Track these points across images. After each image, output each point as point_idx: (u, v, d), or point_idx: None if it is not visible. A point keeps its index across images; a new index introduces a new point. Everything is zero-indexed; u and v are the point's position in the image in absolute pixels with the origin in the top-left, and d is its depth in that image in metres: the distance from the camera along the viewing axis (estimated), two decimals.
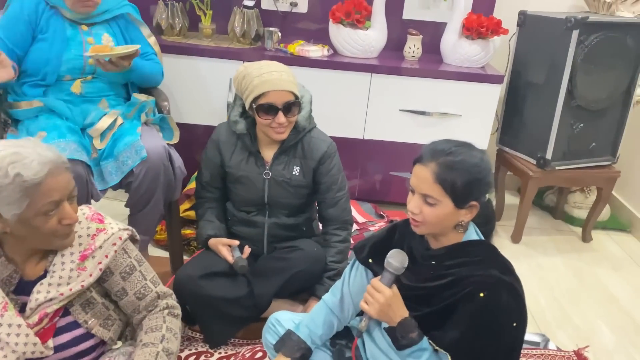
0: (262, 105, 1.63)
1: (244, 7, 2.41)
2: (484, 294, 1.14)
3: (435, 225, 1.19)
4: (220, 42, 2.45)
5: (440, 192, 1.15)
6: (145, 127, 1.84)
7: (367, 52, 2.45)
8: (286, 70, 1.68)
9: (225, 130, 1.79)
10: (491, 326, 1.16)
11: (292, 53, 2.37)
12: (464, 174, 1.14)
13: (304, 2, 2.61)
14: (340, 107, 2.45)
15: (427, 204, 1.17)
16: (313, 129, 1.79)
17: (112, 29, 1.87)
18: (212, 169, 1.81)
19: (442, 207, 1.16)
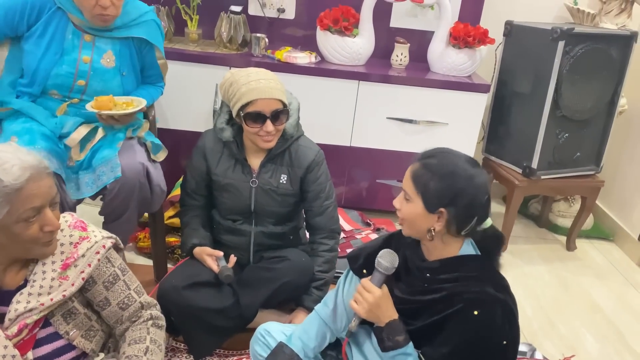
0: (250, 114, 1.60)
1: (231, 13, 2.39)
2: (478, 312, 1.13)
3: (411, 225, 1.21)
4: (206, 47, 2.42)
5: (413, 189, 1.18)
6: (128, 141, 1.75)
7: (355, 59, 2.45)
8: (274, 78, 1.66)
9: (211, 138, 1.76)
10: (483, 344, 1.15)
11: (279, 59, 2.36)
12: (437, 178, 1.16)
13: (292, 8, 2.60)
14: (328, 114, 2.43)
15: (405, 200, 1.20)
16: (300, 136, 1.77)
17: (119, 47, 1.73)
18: (197, 176, 1.78)
19: (414, 205, 1.18)
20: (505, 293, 1.18)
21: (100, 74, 1.71)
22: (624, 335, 2.09)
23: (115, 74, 1.74)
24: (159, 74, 1.89)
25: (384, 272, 1.22)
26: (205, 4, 2.49)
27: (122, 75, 1.76)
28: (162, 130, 2.29)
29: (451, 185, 1.15)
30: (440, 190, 1.15)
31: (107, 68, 1.72)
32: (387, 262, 1.21)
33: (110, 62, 1.73)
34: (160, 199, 1.80)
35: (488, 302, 1.15)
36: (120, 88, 1.76)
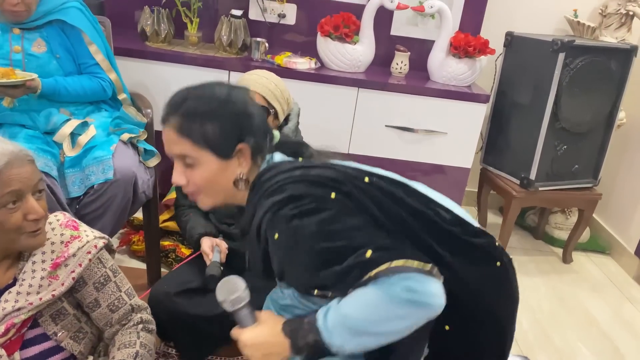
0: None
1: (232, 17, 2.38)
2: (277, 235, 0.96)
3: (212, 189, 1.02)
4: (206, 50, 2.41)
5: (192, 146, 0.98)
6: (122, 145, 1.72)
7: (355, 66, 2.44)
8: (272, 79, 1.65)
9: None
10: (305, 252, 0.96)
11: (279, 64, 2.35)
12: (209, 116, 0.98)
13: (292, 13, 2.60)
14: (326, 120, 2.42)
15: (189, 168, 1.00)
16: None
17: (46, 33, 1.72)
18: None
19: (205, 165, 0.99)
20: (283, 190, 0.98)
21: (35, 60, 1.70)
22: (619, 349, 2.07)
23: (50, 57, 1.73)
24: (94, 64, 1.80)
25: (239, 307, 1.02)
26: (206, 7, 2.49)
27: (56, 58, 1.74)
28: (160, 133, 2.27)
29: (231, 114, 0.99)
30: (224, 127, 0.98)
31: (40, 54, 1.71)
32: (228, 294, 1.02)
33: (42, 47, 1.72)
34: (139, 206, 1.77)
35: (275, 222, 0.97)
36: (60, 71, 1.75)
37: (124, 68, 2.18)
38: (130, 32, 2.46)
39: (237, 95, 1.03)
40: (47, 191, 1.51)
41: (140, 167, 1.73)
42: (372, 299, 0.90)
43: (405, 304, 0.89)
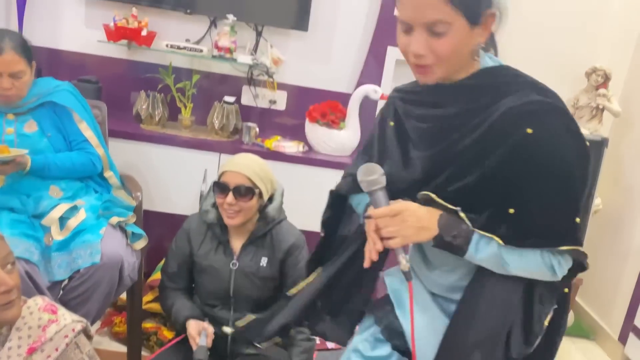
0: (217, 184, 1.69)
1: (225, 103, 2.50)
2: (531, 130, 0.93)
3: (451, 61, 0.96)
4: (198, 133, 2.51)
5: (449, 10, 0.91)
6: (110, 229, 1.76)
7: (341, 150, 2.54)
8: (256, 161, 1.73)
9: (196, 221, 1.81)
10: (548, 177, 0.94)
11: (269, 148, 2.44)
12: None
13: (283, 100, 2.73)
14: (312, 201, 2.46)
15: (436, 37, 0.93)
16: (283, 220, 1.81)
17: (38, 114, 1.81)
18: (180, 259, 1.79)
19: (455, 31, 0.93)
20: (556, 99, 0.96)
21: (26, 139, 1.77)
22: None
23: (41, 136, 1.80)
24: (84, 140, 1.88)
25: (375, 188, 1.02)
26: (200, 93, 2.61)
27: (47, 136, 1.81)
28: (148, 212, 2.31)
29: None
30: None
31: (31, 133, 1.79)
32: (372, 173, 1.01)
33: (33, 128, 1.80)
34: (124, 289, 1.78)
35: (540, 113, 0.94)
36: (50, 149, 1.81)
37: (118, 150, 2.27)
38: (126, 115, 2.56)
39: None
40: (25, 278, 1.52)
41: (128, 250, 1.76)
42: (533, 265, 1.00)
43: (548, 272, 1.01)
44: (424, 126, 1.06)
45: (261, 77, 2.65)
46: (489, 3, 0.94)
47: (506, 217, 0.97)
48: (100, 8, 2.54)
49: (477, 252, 1.00)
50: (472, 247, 0.99)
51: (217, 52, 2.47)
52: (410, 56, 0.98)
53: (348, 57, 2.71)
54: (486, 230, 0.99)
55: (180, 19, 2.58)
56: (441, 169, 1.02)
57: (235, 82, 2.68)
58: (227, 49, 2.45)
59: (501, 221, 0.98)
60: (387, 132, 1.14)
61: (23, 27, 2.51)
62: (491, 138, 0.97)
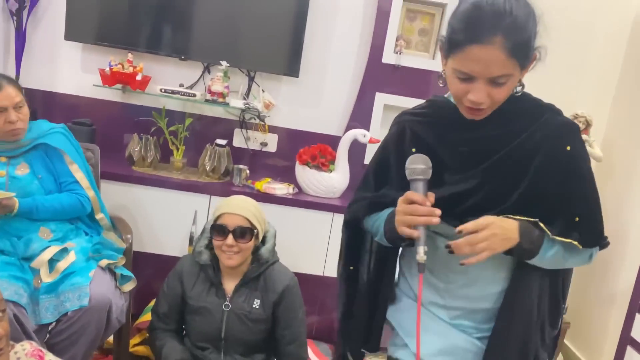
0: (215, 226, 1.71)
1: (216, 146, 2.55)
2: (570, 147, 1.08)
3: (502, 102, 1.05)
4: (189, 175, 2.54)
5: (512, 64, 0.98)
6: (99, 270, 1.77)
7: (330, 192, 2.58)
8: (251, 202, 1.77)
9: (188, 262, 1.82)
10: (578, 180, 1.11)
11: (259, 190, 2.47)
12: (527, 29, 0.99)
13: (274, 142, 2.79)
14: (302, 243, 2.50)
15: (496, 86, 1.00)
16: (276, 262, 1.83)
17: (30, 157, 1.86)
18: (171, 300, 1.80)
19: (513, 79, 1.02)
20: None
21: (17, 182, 1.80)
22: None
23: (32, 178, 1.83)
24: (74, 181, 1.90)
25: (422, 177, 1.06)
26: (192, 135, 2.66)
27: (38, 178, 1.84)
28: (138, 254, 2.32)
29: (534, 25, 1.02)
30: (531, 36, 1.01)
31: (22, 176, 1.81)
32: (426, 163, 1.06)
33: (25, 170, 1.84)
34: (112, 332, 1.78)
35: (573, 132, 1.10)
36: (41, 190, 1.83)
37: (109, 191, 2.30)
38: (119, 157, 2.60)
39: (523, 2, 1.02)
40: (13, 321, 1.51)
41: (116, 292, 1.76)
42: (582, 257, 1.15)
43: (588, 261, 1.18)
44: (464, 150, 1.12)
45: (253, 120, 2.71)
46: (535, 47, 1.03)
47: (574, 224, 1.10)
48: (97, 53, 2.62)
49: (544, 253, 1.09)
50: (542, 251, 1.08)
51: (210, 96, 2.53)
52: (467, 102, 1.04)
53: (338, 101, 2.78)
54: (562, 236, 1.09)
55: (174, 64, 2.66)
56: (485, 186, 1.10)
57: (228, 125, 2.74)
58: (220, 93, 2.52)
59: (571, 228, 1.10)
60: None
61: (20, 71, 2.58)
62: (536, 157, 1.08)
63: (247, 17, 2.58)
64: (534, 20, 1.01)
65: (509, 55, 0.96)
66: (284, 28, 2.61)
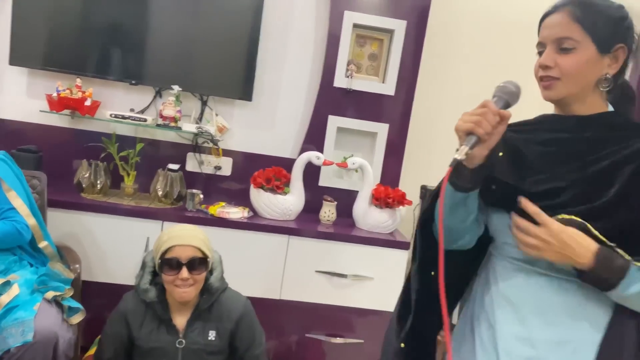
0: (166, 260, 1.64)
1: (169, 170, 2.52)
2: None
3: (575, 79, 1.03)
4: (141, 201, 2.50)
5: (580, 31, 1.02)
6: (45, 303, 1.71)
7: (286, 215, 2.59)
8: (199, 230, 1.74)
9: (132, 300, 1.74)
10: None
11: (212, 214, 2.46)
12: (604, 9, 1.03)
13: (228, 166, 2.78)
14: (258, 267, 2.49)
15: (563, 52, 1.03)
16: (226, 289, 1.80)
17: None
18: (117, 343, 1.72)
19: (582, 51, 1.02)
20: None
21: None
22: None
23: None
24: (10, 208, 1.85)
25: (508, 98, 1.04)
26: (144, 160, 2.63)
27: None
28: (87, 284, 2.25)
29: (619, 14, 1.04)
30: (613, 23, 1.03)
31: None
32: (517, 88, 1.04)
33: None
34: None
35: None
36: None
37: (57, 220, 2.23)
38: (67, 184, 2.53)
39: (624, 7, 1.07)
40: None
41: (63, 325, 1.70)
42: None
43: None
44: (551, 149, 1.09)
45: (206, 144, 2.71)
46: (622, 38, 1.03)
47: None
48: (44, 78, 2.56)
49: (629, 286, 0.97)
50: (626, 282, 0.97)
51: (162, 121, 2.51)
52: (539, 70, 1.06)
53: (291, 124, 2.82)
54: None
55: (125, 89, 2.63)
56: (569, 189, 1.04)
57: (180, 149, 2.72)
58: (171, 118, 2.50)
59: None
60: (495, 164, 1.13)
61: None
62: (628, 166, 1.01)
63: (199, 41, 2.59)
64: (620, 14, 1.04)
65: (574, 19, 1.02)
66: (236, 52, 2.63)
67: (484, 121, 1.00)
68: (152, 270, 1.73)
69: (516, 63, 2.96)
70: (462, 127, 1.02)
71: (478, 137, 1.01)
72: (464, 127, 1.01)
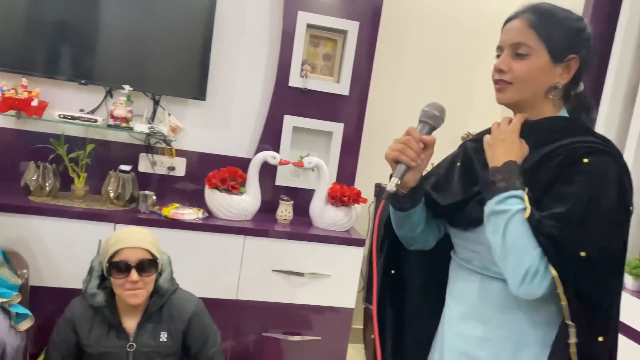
0: (115, 264, 1.62)
1: (120, 172, 2.48)
2: (588, 160, 1.00)
3: (526, 86, 1.07)
4: (92, 203, 2.45)
5: (535, 38, 1.05)
6: None
7: (242, 215, 2.59)
8: (146, 232, 1.73)
9: (79, 306, 1.72)
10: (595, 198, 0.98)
11: (166, 216, 2.43)
12: (562, 20, 1.07)
13: (182, 166, 2.76)
14: (214, 268, 2.48)
15: (518, 58, 1.07)
16: (177, 289, 1.79)
17: None
18: (65, 351, 1.68)
19: (535, 58, 1.05)
20: (613, 148, 1.05)
21: None
22: None
23: None
24: None
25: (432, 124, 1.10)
26: (95, 162, 2.57)
27: None
28: (37, 289, 2.19)
29: (575, 26, 1.07)
30: (567, 34, 1.06)
31: None
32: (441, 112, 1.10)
33: None
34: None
35: (597, 150, 1.02)
36: None
37: (3, 225, 2.17)
38: (13, 187, 2.45)
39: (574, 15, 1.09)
40: None
41: (11, 332, 1.66)
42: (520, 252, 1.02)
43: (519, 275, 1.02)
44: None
45: (159, 145, 2.67)
46: (575, 49, 1.07)
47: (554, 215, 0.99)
48: None
49: (501, 202, 1.02)
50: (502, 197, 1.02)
51: (113, 121, 2.46)
52: (494, 73, 1.10)
53: (247, 124, 2.82)
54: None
55: (75, 88, 2.56)
56: None
57: (133, 150, 2.67)
58: (123, 118, 2.46)
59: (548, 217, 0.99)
60: (454, 172, 1.23)
61: None
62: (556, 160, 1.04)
63: (151, 39, 2.56)
64: (577, 25, 1.08)
65: (531, 26, 1.06)
66: (189, 51, 2.61)
67: (408, 149, 1.08)
68: (100, 275, 1.70)
69: (467, 63, 3.05)
70: (389, 155, 1.10)
71: (406, 165, 1.08)
72: (390, 156, 1.09)
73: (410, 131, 1.10)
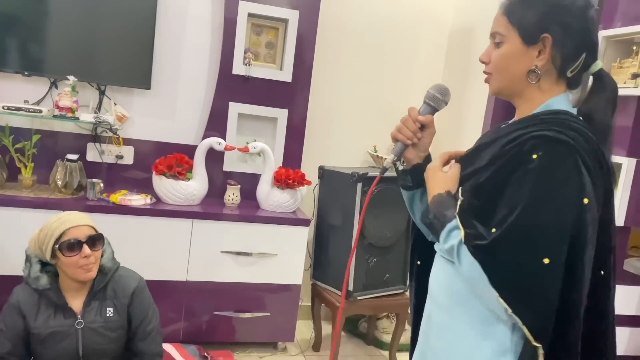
0: (65, 243, 1.69)
1: (67, 161, 2.54)
2: (536, 155, 0.95)
3: (502, 73, 1.05)
4: (40, 192, 2.50)
5: (507, 24, 1.04)
6: None
7: (189, 200, 2.68)
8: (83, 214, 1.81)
9: (23, 292, 1.77)
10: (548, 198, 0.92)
11: (114, 202, 2.51)
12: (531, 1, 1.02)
13: (130, 154, 2.82)
14: (163, 252, 2.58)
15: (496, 47, 1.06)
16: (119, 267, 1.88)
17: None
18: (14, 337, 1.73)
19: (508, 45, 1.03)
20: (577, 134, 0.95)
21: None
22: None
23: None
24: None
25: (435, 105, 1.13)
26: (42, 152, 2.62)
27: None
28: None
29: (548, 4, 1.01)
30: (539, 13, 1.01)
31: None
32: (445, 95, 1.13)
33: None
34: None
35: (547, 143, 0.94)
36: None
37: None
38: None
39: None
40: None
41: None
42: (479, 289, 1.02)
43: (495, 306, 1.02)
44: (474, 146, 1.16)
45: (105, 134, 2.73)
46: (544, 28, 1.00)
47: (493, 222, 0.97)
48: None
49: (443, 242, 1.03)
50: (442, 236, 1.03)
51: (59, 112, 2.51)
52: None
53: (193, 111, 2.90)
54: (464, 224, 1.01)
55: (19, 80, 2.59)
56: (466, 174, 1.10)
57: (80, 140, 2.73)
58: (68, 108, 2.51)
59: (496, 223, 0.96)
60: None
61: None
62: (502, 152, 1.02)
63: (95, 30, 2.60)
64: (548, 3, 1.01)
65: (503, 13, 1.05)
66: (132, 40, 2.66)
67: (404, 128, 1.15)
68: (39, 260, 1.77)
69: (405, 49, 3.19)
70: (391, 134, 1.17)
71: (403, 143, 1.15)
72: (392, 134, 1.17)
73: (410, 111, 1.15)
